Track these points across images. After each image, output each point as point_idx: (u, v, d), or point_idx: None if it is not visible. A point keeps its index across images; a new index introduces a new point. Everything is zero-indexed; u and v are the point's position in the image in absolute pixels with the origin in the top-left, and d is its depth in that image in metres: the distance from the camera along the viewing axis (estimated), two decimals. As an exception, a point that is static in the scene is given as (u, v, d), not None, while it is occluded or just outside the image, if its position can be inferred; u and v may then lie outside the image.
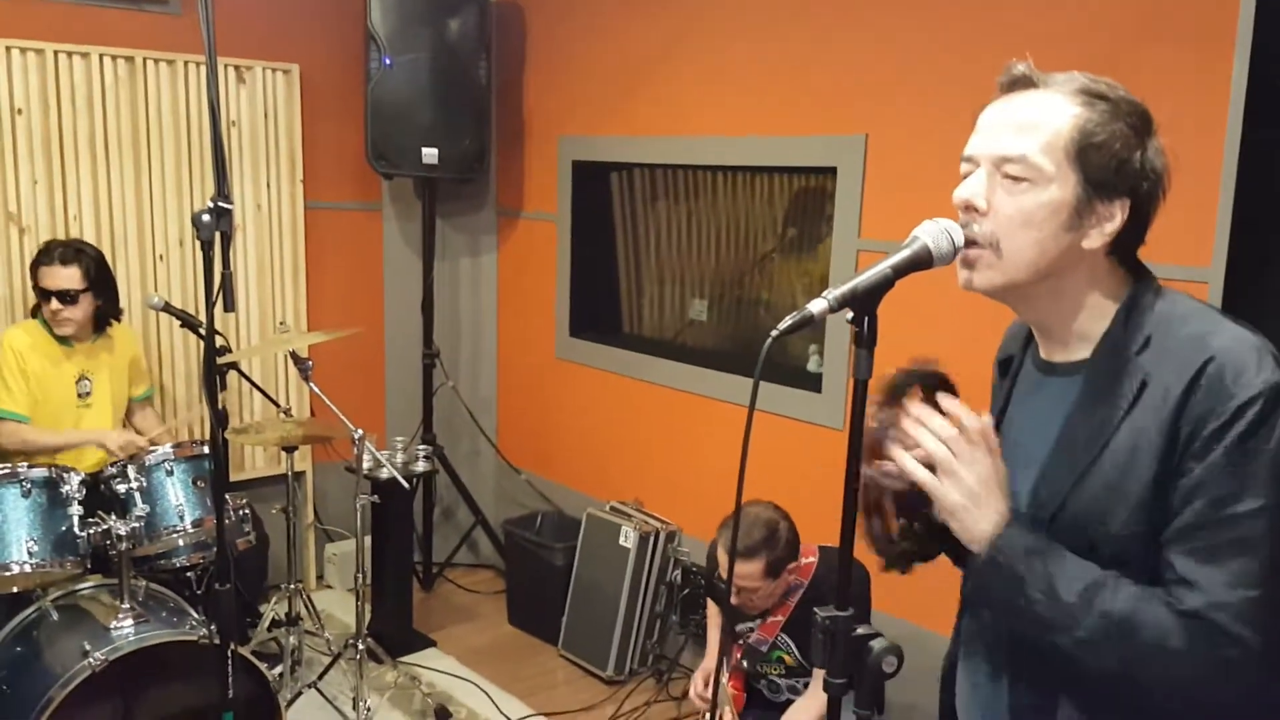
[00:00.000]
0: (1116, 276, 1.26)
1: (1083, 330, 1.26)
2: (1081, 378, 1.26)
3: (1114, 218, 1.21)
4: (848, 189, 3.10)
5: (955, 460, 1.21)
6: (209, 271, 2.09)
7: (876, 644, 1.21)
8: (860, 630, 1.21)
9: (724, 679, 2.75)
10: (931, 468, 1.23)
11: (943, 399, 1.26)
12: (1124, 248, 1.24)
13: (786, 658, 2.70)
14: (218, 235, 2.08)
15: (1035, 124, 1.20)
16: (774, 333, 1.15)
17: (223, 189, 2.08)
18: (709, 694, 2.75)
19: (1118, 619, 1.14)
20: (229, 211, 2.08)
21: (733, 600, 2.68)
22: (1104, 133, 1.18)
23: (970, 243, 1.23)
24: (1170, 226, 1.33)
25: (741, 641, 2.71)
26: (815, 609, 1.24)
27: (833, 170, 3.18)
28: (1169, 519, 1.16)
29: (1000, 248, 1.22)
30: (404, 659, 3.77)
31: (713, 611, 3.01)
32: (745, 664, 2.74)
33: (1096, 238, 1.21)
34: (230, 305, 2.12)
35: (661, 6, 3.71)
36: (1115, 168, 1.19)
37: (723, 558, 2.66)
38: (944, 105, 2.82)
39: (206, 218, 2.06)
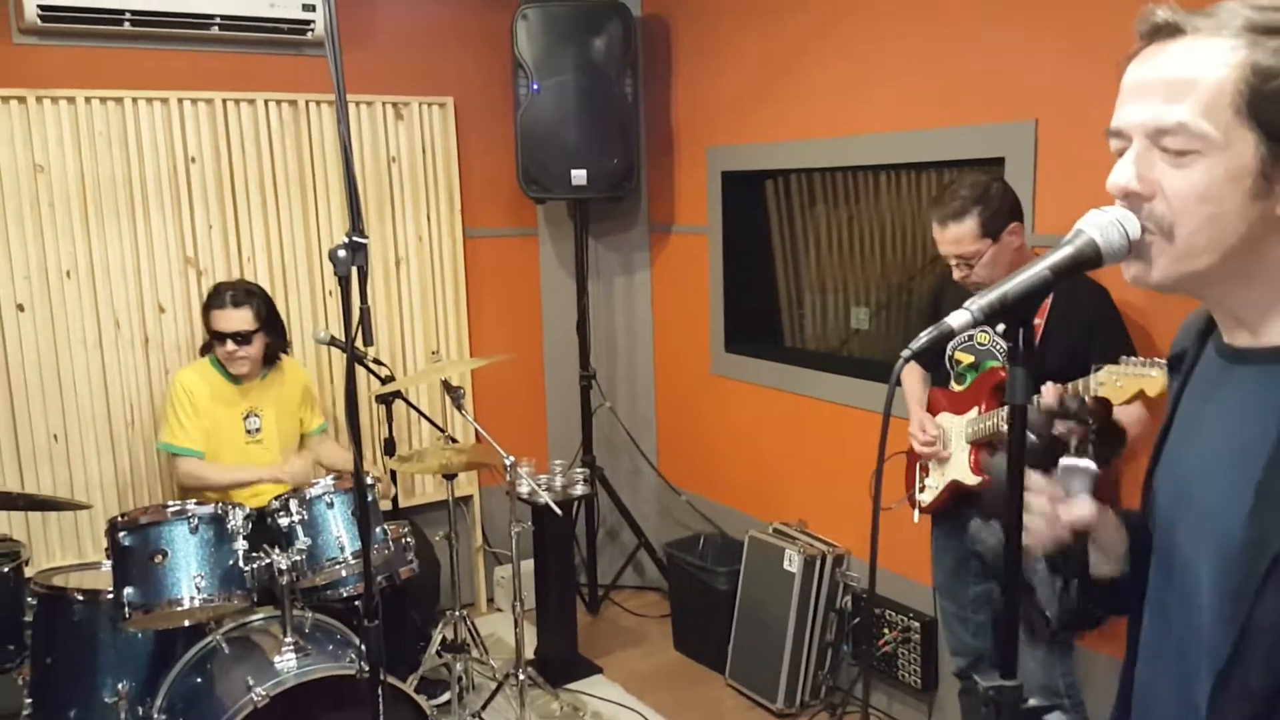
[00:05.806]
0: None
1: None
2: None
3: None
4: (1018, 180, 2.82)
5: None
6: (346, 306, 2.08)
7: (1051, 719, 1.02)
8: (1032, 702, 1.02)
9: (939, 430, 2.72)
10: None
11: None
12: None
13: None
14: (354, 270, 2.08)
15: (1190, 81, 0.97)
16: (905, 352, 0.98)
17: (357, 224, 2.08)
18: (929, 436, 2.71)
19: None
20: (364, 246, 2.07)
21: (955, 276, 2.52)
22: None
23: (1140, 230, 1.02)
24: None
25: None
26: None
27: (1000, 161, 2.92)
28: None
29: (1174, 233, 0.99)
30: (568, 686, 3.72)
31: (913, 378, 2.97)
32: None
33: None
34: (370, 339, 2.12)
35: (804, 4, 3.54)
36: None
37: (935, 231, 2.50)
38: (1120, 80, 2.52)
39: (342, 253, 2.05)
